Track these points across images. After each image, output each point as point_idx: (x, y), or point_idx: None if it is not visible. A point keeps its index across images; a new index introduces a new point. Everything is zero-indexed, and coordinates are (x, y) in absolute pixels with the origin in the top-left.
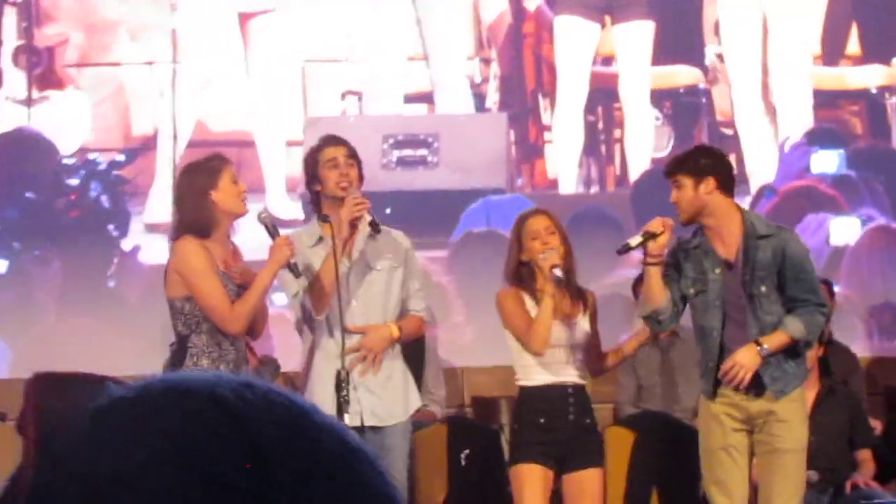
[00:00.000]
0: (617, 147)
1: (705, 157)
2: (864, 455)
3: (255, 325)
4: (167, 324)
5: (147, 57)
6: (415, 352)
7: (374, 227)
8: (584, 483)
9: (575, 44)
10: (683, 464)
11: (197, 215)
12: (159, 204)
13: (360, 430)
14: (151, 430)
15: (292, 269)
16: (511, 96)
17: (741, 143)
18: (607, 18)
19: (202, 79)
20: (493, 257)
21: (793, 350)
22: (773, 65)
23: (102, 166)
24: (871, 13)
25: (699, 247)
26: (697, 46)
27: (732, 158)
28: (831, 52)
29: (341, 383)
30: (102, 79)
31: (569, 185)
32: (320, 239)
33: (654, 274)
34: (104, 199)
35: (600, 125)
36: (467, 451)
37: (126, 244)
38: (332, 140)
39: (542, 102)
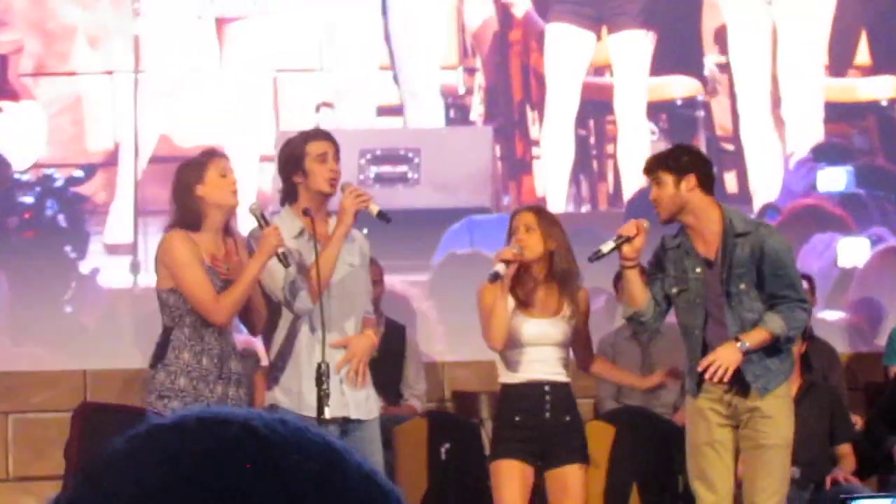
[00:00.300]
0: (610, 163)
1: (686, 155)
2: (845, 450)
3: (255, 320)
4: (130, 351)
5: (107, 66)
6: (395, 346)
7: (384, 217)
8: (566, 479)
9: (567, 53)
10: (663, 458)
11: (184, 210)
12: (120, 224)
13: (347, 421)
14: (186, 455)
15: (281, 258)
16: (497, 108)
17: (745, 159)
18: (603, 28)
19: (166, 89)
20: (478, 281)
21: (775, 347)
22: (782, 75)
23: (59, 183)
24: (882, 19)
25: (680, 246)
26: (696, 56)
27: (734, 175)
28: (839, 62)
29: (322, 377)
30: (59, 89)
31: (558, 203)
32: (302, 231)
33: (633, 276)
34: (61, 218)
35: (592, 139)
36: (448, 445)
37: (84, 266)
38: (321, 134)
39: (530, 115)
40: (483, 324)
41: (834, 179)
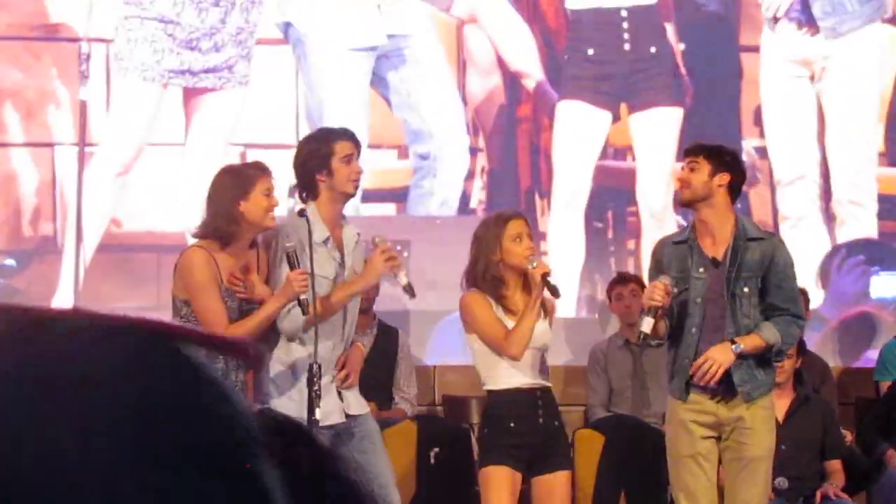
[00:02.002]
0: (630, 262)
1: (729, 155)
2: (834, 466)
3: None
4: None
5: (47, 137)
6: (387, 350)
7: (409, 291)
8: (553, 486)
9: (579, 134)
10: (652, 468)
11: (221, 222)
12: None
13: (347, 417)
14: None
15: (302, 305)
16: (501, 195)
17: None
18: (623, 107)
19: (119, 166)
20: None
21: (764, 358)
22: (831, 163)
23: None
24: None
25: (686, 242)
26: (733, 139)
27: None
28: None
29: (313, 377)
30: None
31: (567, 308)
32: (327, 239)
33: (661, 322)
34: None
35: (609, 234)
36: (437, 450)
37: None
38: (347, 134)
39: (539, 204)
40: (491, 331)
41: (890, 285)
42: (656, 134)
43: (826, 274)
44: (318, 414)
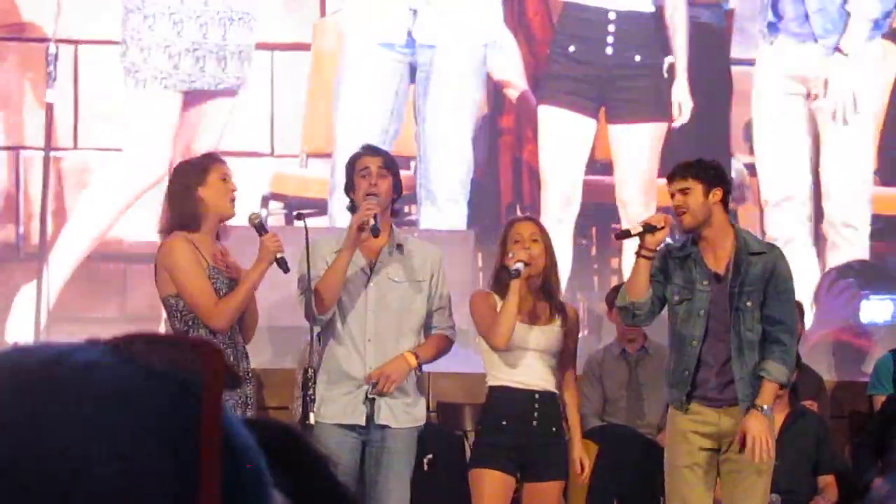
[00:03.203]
0: (615, 280)
1: (714, 168)
2: (827, 480)
3: (246, 328)
4: None
5: (13, 140)
6: None
7: (373, 230)
8: (544, 495)
9: (565, 143)
10: (645, 479)
11: (183, 210)
12: (20, 328)
13: (374, 426)
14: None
15: (280, 263)
16: (482, 210)
17: None
18: (602, 112)
19: (86, 170)
20: (465, 295)
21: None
22: (824, 181)
23: None
24: None
25: (690, 256)
26: (722, 155)
27: None
28: (892, 167)
29: (307, 382)
30: None
31: None
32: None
33: (644, 267)
34: None
35: (593, 251)
36: (430, 456)
37: None
38: (369, 149)
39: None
40: (484, 325)
41: (881, 310)
42: (636, 147)
43: (815, 297)
44: (311, 418)
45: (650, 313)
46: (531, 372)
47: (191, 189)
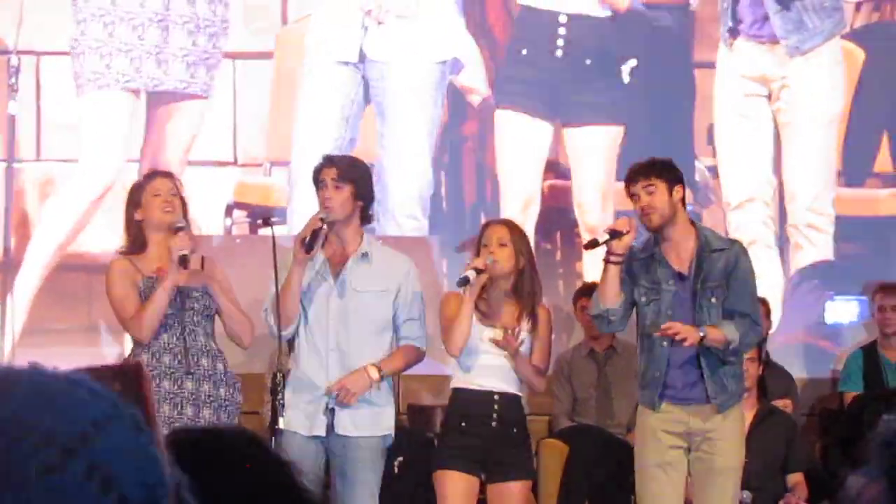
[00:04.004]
0: (579, 284)
1: (672, 167)
2: (797, 478)
3: (232, 335)
4: None
5: None
6: None
7: (307, 245)
8: (506, 495)
9: (518, 146)
10: (616, 478)
11: (128, 235)
12: None
13: (335, 435)
14: None
15: (180, 261)
16: (444, 216)
17: None
18: (556, 116)
19: (101, 187)
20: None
21: (732, 369)
22: (787, 183)
23: None
24: None
25: (653, 256)
26: (686, 158)
27: None
28: (856, 168)
29: (276, 387)
30: None
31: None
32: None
33: (614, 273)
34: None
35: (558, 255)
36: (400, 459)
37: None
38: (325, 160)
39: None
40: (443, 329)
41: (846, 311)
42: (591, 150)
43: (782, 299)
44: (281, 423)
45: (623, 318)
46: (493, 374)
47: (130, 214)
